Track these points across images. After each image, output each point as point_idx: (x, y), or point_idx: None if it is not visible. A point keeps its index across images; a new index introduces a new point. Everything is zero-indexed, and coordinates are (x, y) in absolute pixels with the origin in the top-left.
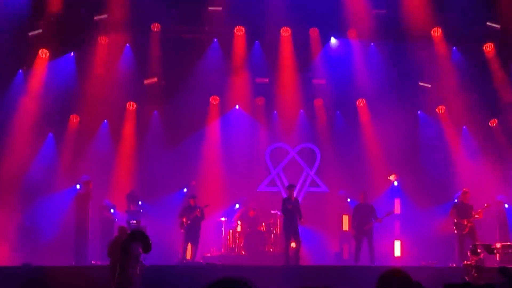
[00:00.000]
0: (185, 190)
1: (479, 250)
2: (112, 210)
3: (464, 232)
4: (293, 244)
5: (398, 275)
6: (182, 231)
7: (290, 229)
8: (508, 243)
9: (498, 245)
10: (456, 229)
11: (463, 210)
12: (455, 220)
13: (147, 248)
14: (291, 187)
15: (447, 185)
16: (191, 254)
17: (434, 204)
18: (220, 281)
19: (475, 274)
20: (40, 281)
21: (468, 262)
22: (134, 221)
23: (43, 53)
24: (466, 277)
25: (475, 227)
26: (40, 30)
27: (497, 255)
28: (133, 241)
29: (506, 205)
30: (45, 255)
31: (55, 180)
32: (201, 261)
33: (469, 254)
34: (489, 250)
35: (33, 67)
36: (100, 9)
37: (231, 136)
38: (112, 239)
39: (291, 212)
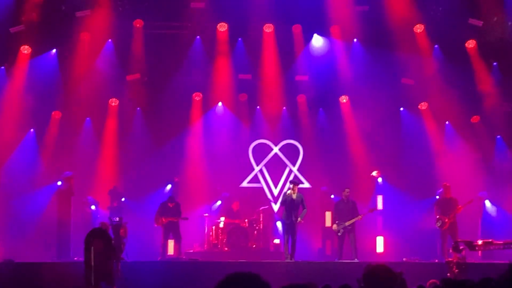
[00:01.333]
0: (168, 187)
1: (461, 247)
2: (93, 207)
3: (444, 228)
4: (276, 241)
5: (383, 271)
6: (161, 227)
7: (287, 224)
8: (490, 240)
9: (479, 242)
10: (437, 225)
11: (446, 206)
12: (437, 216)
13: (108, 245)
14: (292, 183)
15: (429, 182)
16: (174, 250)
17: (416, 200)
18: (230, 276)
19: (456, 271)
20: (22, 277)
21: (450, 259)
22: (117, 218)
23: (25, 49)
24: (448, 274)
25: (456, 223)
26: (22, 26)
27: (480, 251)
28: (94, 238)
29: (487, 202)
30: (27, 252)
31: (37, 176)
32: (183, 257)
33: (451, 250)
34: (471, 246)
35: (15, 63)
36: (82, 4)
37: (214, 133)
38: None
39: (285, 206)
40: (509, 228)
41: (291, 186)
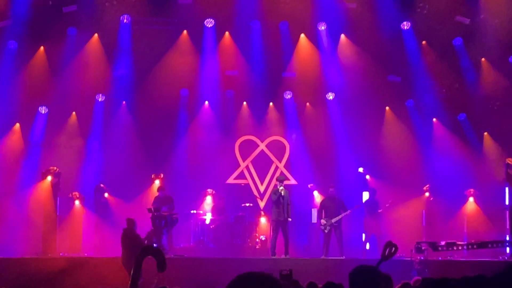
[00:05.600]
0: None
1: (423, 248)
2: (77, 202)
3: (370, 230)
4: (262, 237)
5: (368, 272)
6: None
7: (277, 221)
8: (453, 241)
9: (442, 243)
10: (364, 226)
11: (371, 208)
12: (364, 218)
13: (161, 265)
14: (279, 179)
15: (416, 178)
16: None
17: (403, 197)
18: (242, 276)
19: (419, 268)
20: (7, 273)
21: (412, 259)
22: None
23: (12, 44)
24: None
25: (380, 225)
26: (9, 21)
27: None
28: (146, 255)
29: (471, 199)
30: (12, 247)
31: (23, 171)
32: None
33: (413, 250)
34: (434, 247)
35: (1, 58)
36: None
37: (200, 128)
38: (122, 233)
39: (277, 204)
40: (494, 226)
41: (279, 183)
